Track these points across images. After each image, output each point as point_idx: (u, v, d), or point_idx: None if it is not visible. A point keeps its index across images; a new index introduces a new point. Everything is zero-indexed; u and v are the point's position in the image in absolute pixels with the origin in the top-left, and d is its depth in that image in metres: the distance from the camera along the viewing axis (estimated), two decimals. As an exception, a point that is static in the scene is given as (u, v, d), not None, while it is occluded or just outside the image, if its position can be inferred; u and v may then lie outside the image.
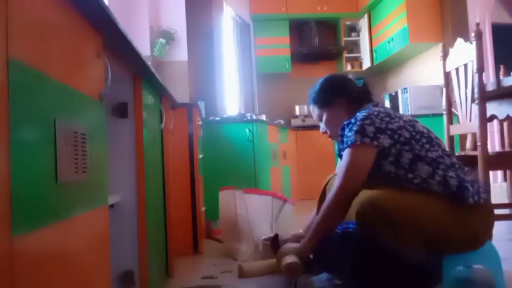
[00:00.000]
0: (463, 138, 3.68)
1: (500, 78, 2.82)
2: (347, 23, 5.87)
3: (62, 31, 0.79)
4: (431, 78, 4.59)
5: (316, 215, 1.83)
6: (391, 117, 1.47)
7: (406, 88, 4.43)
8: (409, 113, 4.32)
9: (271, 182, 3.83)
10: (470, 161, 2.18)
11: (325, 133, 1.73)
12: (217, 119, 3.50)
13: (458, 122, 2.37)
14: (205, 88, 3.91)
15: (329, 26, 5.98)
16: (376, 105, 1.62)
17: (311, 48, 5.70)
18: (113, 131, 1.42)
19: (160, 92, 1.93)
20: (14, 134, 0.58)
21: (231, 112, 4.68)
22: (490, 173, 2.13)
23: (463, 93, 2.25)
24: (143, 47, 3.09)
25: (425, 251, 1.33)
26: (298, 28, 5.84)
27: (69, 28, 0.83)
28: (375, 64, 5.43)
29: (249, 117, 3.56)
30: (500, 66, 3.34)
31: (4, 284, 0.55)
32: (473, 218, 1.36)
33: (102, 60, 1.03)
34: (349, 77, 1.77)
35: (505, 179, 3.87)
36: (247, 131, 3.41)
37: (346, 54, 5.79)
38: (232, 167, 3.36)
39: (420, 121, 1.57)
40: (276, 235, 2.03)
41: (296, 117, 5.70)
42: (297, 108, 5.72)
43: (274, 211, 2.43)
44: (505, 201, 3.43)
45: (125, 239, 1.43)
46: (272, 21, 5.65)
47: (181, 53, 3.48)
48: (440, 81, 2.53)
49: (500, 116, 2.33)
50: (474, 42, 2.09)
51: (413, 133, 1.45)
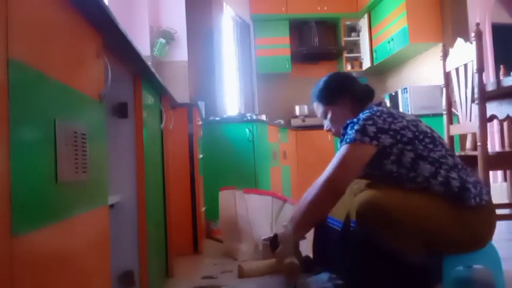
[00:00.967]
0: (463, 138, 3.68)
1: (500, 78, 2.82)
2: (347, 23, 5.87)
3: (62, 31, 0.79)
4: (431, 78, 4.58)
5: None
6: (394, 117, 1.46)
7: (406, 88, 4.43)
8: (409, 113, 4.32)
9: (271, 182, 3.83)
10: (470, 161, 2.18)
11: (330, 131, 1.72)
12: (217, 119, 3.50)
13: (458, 122, 2.37)
14: (205, 88, 3.91)
15: (329, 26, 5.98)
16: (379, 104, 1.61)
17: (311, 48, 5.70)
18: (113, 131, 1.42)
19: (160, 92, 1.93)
20: (14, 134, 0.58)
21: (231, 112, 4.68)
22: (490, 173, 2.13)
23: (463, 93, 2.25)
24: (143, 47, 3.09)
25: (425, 251, 1.32)
26: (298, 28, 5.83)
27: (69, 28, 0.83)
28: (374, 64, 5.43)
29: (249, 117, 3.56)
30: (500, 66, 3.34)
31: (4, 284, 0.55)
32: (475, 219, 1.36)
33: (102, 60, 1.03)
34: (353, 75, 1.77)
35: (505, 179, 3.87)
36: (247, 131, 3.41)
37: (346, 54, 5.79)
38: (232, 167, 3.36)
39: (423, 121, 1.57)
40: (276, 235, 2.03)
41: (296, 117, 5.70)
42: (297, 108, 5.73)
43: (274, 211, 2.43)
44: (505, 201, 3.43)
45: (125, 239, 1.43)
46: (272, 21, 5.65)
47: (181, 53, 3.48)
48: (440, 81, 2.53)
49: (500, 116, 2.33)
50: (474, 42, 2.08)
51: (417, 133, 1.44)
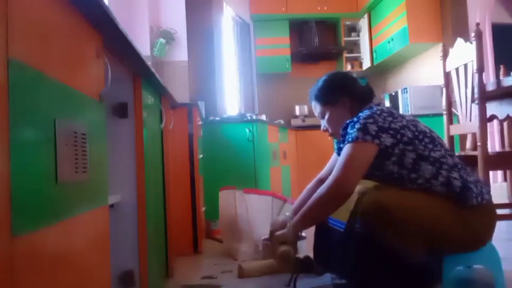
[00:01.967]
0: (463, 138, 3.68)
1: (500, 78, 2.82)
2: (347, 23, 5.87)
3: (62, 31, 0.79)
4: (431, 78, 4.58)
5: (303, 198, 1.81)
6: (394, 117, 1.46)
7: (406, 88, 4.43)
8: (409, 113, 4.32)
9: (271, 182, 3.83)
10: (470, 161, 2.18)
11: (326, 131, 1.71)
12: (217, 119, 3.50)
13: (458, 122, 2.37)
14: (205, 88, 3.91)
15: (329, 26, 5.98)
16: (378, 105, 1.61)
17: (311, 48, 5.70)
18: (113, 131, 1.42)
19: (160, 92, 1.93)
20: (14, 134, 0.58)
21: (231, 112, 4.68)
22: (490, 173, 2.13)
23: (463, 93, 2.25)
24: (143, 47, 3.09)
25: (427, 250, 1.33)
26: (298, 28, 5.83)
27: (69, 28, 0.83)
28: (374, 64, 5.43)
29: (249, 117, 3.56)
30: (500, 66, 3.34)
31: (4, 284, 0.55)
32: (476, 219, 1.36)
33: (102, 60, 1.03)
34: (353, 75, 1.76)
35: (505, 179, 3.87)
36: (247, 131, 3.41)
37: (346, 54, 5.79)
38: (232, 167, 3.36)
39: (421, 121, 1.57)
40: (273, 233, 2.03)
41: (296, 117, 5.70)
42: (297, 108, 5.73)
43: (274, 211, 2.43)
44: (505, 201, 3.43)
45: (124, 239, 1.43)
46: (272, 21, 5.65)
47: (181, 53, 3.48)
48: (440, 81, 2.53)
49: (500, 116, 2.33)
50: (474, 42, 2.08)
51: (416, 133, 1.44)
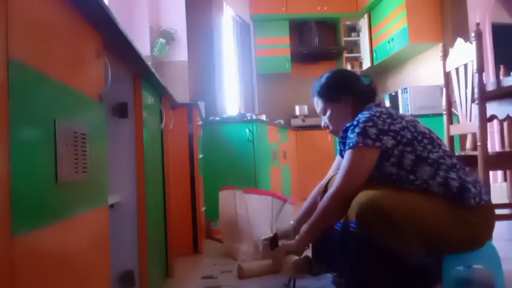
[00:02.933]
0: (463, 138, 3.68)
1: (500, 78, 2.82)
2: (347, 23, 5.87)
3: (62, 31, 0.79)
4: (431, 78, 4.58)
5: (307, 206, 1.81)
6: (393, 118, 1.46)
7: (406, 88, 4.43)
8: (409, 113, 4.32)
9: (271, 182, 3.83)
10: (470, 161, 2.18)
11: (327, 128, 1.71)
12: (217, 119, 3.50)
13: (458, 122, 2.37)
14: (205, 88, 3.91)
15: (329, 26, 5.98)
16: (378, 105, 1.61)
17: (311, 48, 5.70)
18: (113, 131, 1.42)
19: (160, 92, 1.93)
20: (14, 134, 0.58)
21: (231, 112, 4.68)
22: (490, 173, 2.13)
23: (463, 93, 2.25)
24: (143, 47, 3.09)
25: (425, 251, 1.32)
26: (298, 28, 5.83)
27: (69, 28, 0.83)
28: (375, 64, 5.43)
29: (249, 117, 3.56)
30: (500, 66, 3.33)
31: (4, 284, 0.55)
32: (475, 219, 1.36)
33: (102, 60, 1.03)
34: (357, 73, 1.74)
35: (505, 179, 3.87)
36: (247, 131, 3.41)
37: (346, 54, 5.79)
38: (232, 167, 3.36)
39: (420, 121, 1.57)
40: (276, 235, 2.03)
41: (296, 117, 5.70)
42: (297, 108, 5.73)
43: (274, 211, 2.43)
44: (505, 201, 3.43)
45: (125, 239, 1.43)
46: (272, 21, 5.65)
47: (181, 53, 3.48)
48: (440, 81, 2.53)
49: (500, 116, 2.33)
50: (474, 42, 2.08)
51: (415, 134, 1.44)
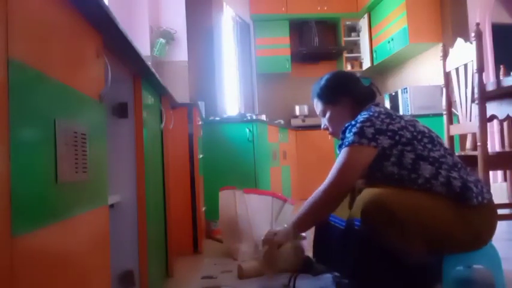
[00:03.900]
0: (463, 138, 3.68)
1: (500, 78, 2.82)
2: (347, 23, 5.86)
3: (62, 31, 0.79)
4: (431, 78, 4.58)
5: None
6: (392, 118, 1.47)
7: (406, 88, 4.43)
8: (409, 113, 4.32)
9: (271, 182, 3.83)
10: (470, 161, 2.18)
11: (327, 129, 1.72)
12: (217, 119, 3.50)
13: (458, 122, 2.37)
14: (205, 88, 3.91)
15: (329, 26, 5.98)
16: (377, 105, 1.61)
17: (311, 48, 5.70)
18: (113, 131, 1.42)
19: (160, 92, 1.93)
20: (14, 134, 0.58)
21: (231, 112, 4.68)
22: (490, 173, 2.13)
23: (463, 93, 2.25)
24: (143, 47, 3.09)
25: (427, 250, 1.33)
26: (298, 28, 5.83)
27: (69, 28, 0.83)
28: (375, 64, 5.42)
29: (249, 117, 3.56)
30: (500, 66, 3.33)
31: (4, 284, 0.55)
32: (477, 218, 1.36)
33: (102, 60, 1.03)
34: (357, 75, 1.75)
35: (505, 179, 3.87)
36: (247, 131, 3.41)
37: (346, 54, 5.78)
38: (232, 167, 3.36)
39: (420, 121, 1.57)
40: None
41: (296, 117, 5.70)
42: (297, 108, 5.72)
43: (274, 211, 2.43)
44: (505, 201, 3.43)
45: (124, 239, 1.43)
46: (272, 21, 5.65)
47: (181, 53, 3.48)
48: (440, 81, 2.53)
49: (500, 116, 2.33)
50: (474, 42, 2.09)
51: (415, 133, 1.44)
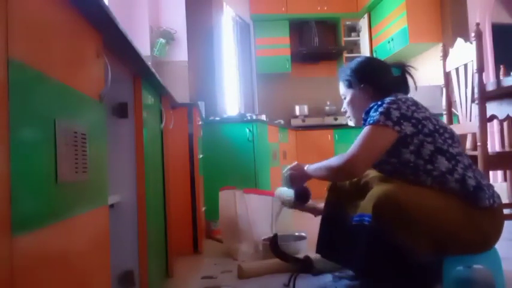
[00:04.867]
0: (463, 138, 3.67)
1: (500, 78, 2.82)
2: (347, 23, 5.86)
3: (62, 31, 0.79)
4: (431, 78, 4.58)
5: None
6: (418, 107, 1.46)
7: (406, 88, 4.43)
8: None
9: (271, 182, 3.83)
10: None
11: (345, 112, 1.73)
12: (217, 119, 3.50)
13: (458, 122, 2.37)
14: (205, 88, 3.91)
15: (329, 26, 5.98)
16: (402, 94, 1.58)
17: (311, 48, 5.70)
18: (113, 131, 1.42)
19: (160, 92, 1.93)
20: (14, 134, 0.58)
21: (231, 112, 4.68)
22: (490, 173, 2.13)
23: (463, 93, 2.25)
24: (143, 47, 3.09)
25: (435, 250, 1.32)
26: (298, 28, 5.83)
27: (69, 28, 0.83)
28: (375, 64, 5.42)
29: (249, 117, 3.56)
30: (500, 66, 3.33)
31: (4, 284, 0.54)
32: (487, 221, 1.36)
33: (102, 60, 1.03)
34: (387, 63, 1.71)
35: (505, 179, 3.87)
36: (247, 131, 3.41)
37: (346, 54, 5.78)
38: (232, 167, 3.36)
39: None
40: (276, 235, 2.03)
41: (296, 117, 5.70)
42: (297, 108, 5.72)
43: (274, 211, 2.43)
44: (505, 201, 3.43)
45: (125, 239, 1.43)
46: (272, 21, 5.65)
47: (181, 53, 3.48)
48: (440, 81, 2.53)
49: (500, 116, 2.33)
50: (474, 42, 2.08)
51: (437, 126, 1.44)
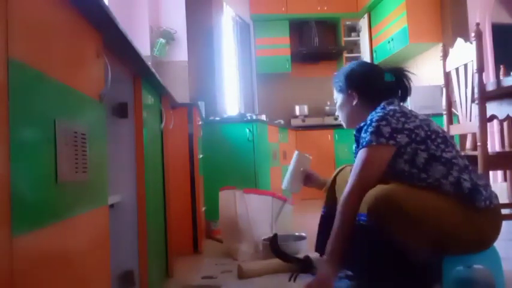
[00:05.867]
0: (463, 138, 3.68)
1: (500, 78, 2.82)
2: (347, 23, 5.86)
3: (62, 31, 0.79)
4: (431, 78, 4.58)
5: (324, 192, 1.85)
6: (407, 117, 1.45)
7: (406, 88, 4.42)
8: (409, 113, 4.31)
9: (271, 182, 3.83)
10: (470, 161, 2.17)
11: (338, 116, 1.76)
12: (217, 119, 3.50)
13: (458, 122, 2.37)
14: (205, 88, 3.91)
15: (329, 26, 5.98)
16: (390, 103, 1.56)
17: (311, 48, 5.70)
18: (113, 131, 1.42)
19: (160, 92, 1.93)
20: (14, 134, 0.58)
21: (231, 112, 4.68)
22: (490, 173, 2.13)
23: (463, 93, 2.25)
24: (143, 47, 3.09)
25: (432, 249, 1.32)
26: (298, 28, 5.83)
27: (69, 28, 0.83)
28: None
29: (249, 117, 3.56)
30: (500, 66, 3.33)
31: (4, 284, 0.55)
32: (484, 221, 1.36)
33: (102, 60, 1.03)
34: (381, 69, 1.69)
35: (505, 179, 3.87)
36: (247, 131, 3.41)
37: (346, 54, 5.78)
38: (232, 167, 3.36)
39: (433, 121, 1.54)
40: (276, 235, 2.03)
41: (296, 117, 5.70)
42: (297, 108, 5.72)
43: (274, 211, 2.43)
44: (505, 201, 3.43)
45: (124, 239, 1.43)
46: (272, 21, 5.65)
47: (181, 53, 3.48)
48: (440, 81, 2.53)
49: (500, 116, 2.33)
50: (474, 42, 2.08)
51: (429, 132, 1.43)
